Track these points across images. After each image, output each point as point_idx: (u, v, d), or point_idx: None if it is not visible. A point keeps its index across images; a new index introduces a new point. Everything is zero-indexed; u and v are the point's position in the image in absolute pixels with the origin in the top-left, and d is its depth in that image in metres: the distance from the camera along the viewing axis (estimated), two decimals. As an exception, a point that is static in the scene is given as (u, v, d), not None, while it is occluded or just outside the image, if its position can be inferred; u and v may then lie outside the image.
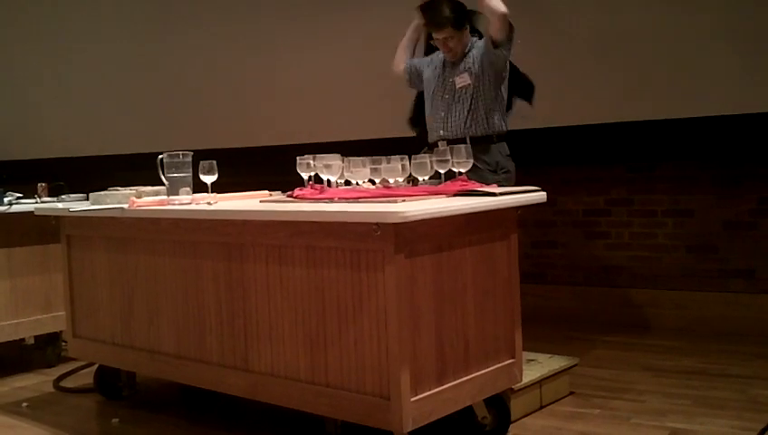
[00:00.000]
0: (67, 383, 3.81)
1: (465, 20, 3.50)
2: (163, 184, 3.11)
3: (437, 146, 3.25)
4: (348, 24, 5.13)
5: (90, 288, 3.48)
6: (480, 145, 3.40)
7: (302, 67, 5.38)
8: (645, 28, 4.25)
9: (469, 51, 3.53)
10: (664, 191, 4.50)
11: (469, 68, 3.49)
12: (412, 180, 2.97)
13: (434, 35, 3.50)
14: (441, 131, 3.52)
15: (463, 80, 3.49)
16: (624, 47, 4.31)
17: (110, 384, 3.56)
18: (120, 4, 6.27)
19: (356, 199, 2.72)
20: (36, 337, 4.13)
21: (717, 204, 4.34)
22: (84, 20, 6.45)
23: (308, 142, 3.86)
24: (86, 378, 3.76)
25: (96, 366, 3.60)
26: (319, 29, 5.28)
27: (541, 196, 2.90)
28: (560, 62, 4.48)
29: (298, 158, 3.03)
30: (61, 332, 4.05)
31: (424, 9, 3.53)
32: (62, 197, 3.89)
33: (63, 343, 4.02)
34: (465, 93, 3.50)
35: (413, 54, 3.79)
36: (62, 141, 6.54)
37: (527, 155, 3.59)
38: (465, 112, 3.47)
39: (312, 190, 2.95)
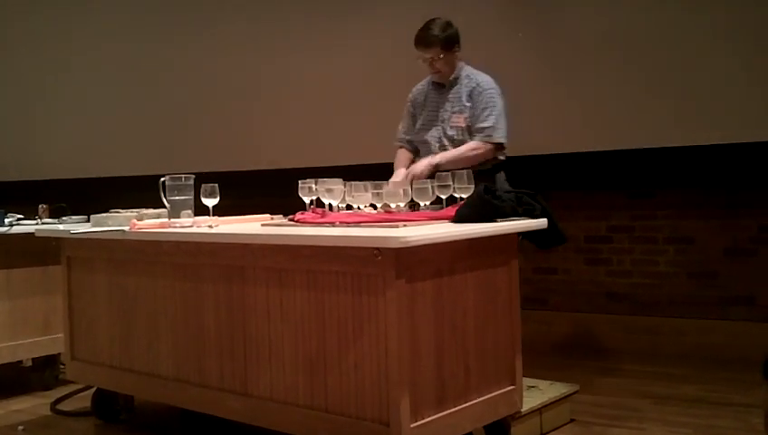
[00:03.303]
0: (64, 406, 3.79)
1: (456, 43, 3.48)
2: (165, 207, 3.11)
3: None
4: (351, 49, 5.16)
5: (89, 310, 3.47)
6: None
7: (304, 91, 5.41)
8: (645, 57, 4.28)
9: (459, 78, 3.51)
10: (665, 218, 4.50)
11: (462, 105, 3.46)
12: (414, 205, 2.97)
13: (421, 54, 3.45)
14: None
15: (458, 120, 3.47)
16: (625, 75, 4.34)
17: (108, 408, 3.53)
18: (120, 26, 6.31)
19: (357, 224, 2.72)
20: (34, 359, 4.10)
21: (718, 231, 4.34)
22: (86, 42, 6.49)
23: (310, 166, 3.87)
24: (84, 401, 3.74)
25: (94, 389, 3.58)
26: (321, 52, 5.32)
27: (541, 222, 2.90)
28: (561, 88, 4.51)
29: (300, 181, 3.05)
30: (59, 354, 4.03)
31: (417, 32, 3.50)
32: (64, 218, 3.89)
33: (61, 366, 4.00)
34: (461, 134, 3.47)
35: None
36: (64, 163, 6.56)
37: (528, 181, 3.59)
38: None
39: (314, 214, 2.96)
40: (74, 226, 3.56)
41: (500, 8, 4.67)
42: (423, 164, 3.37)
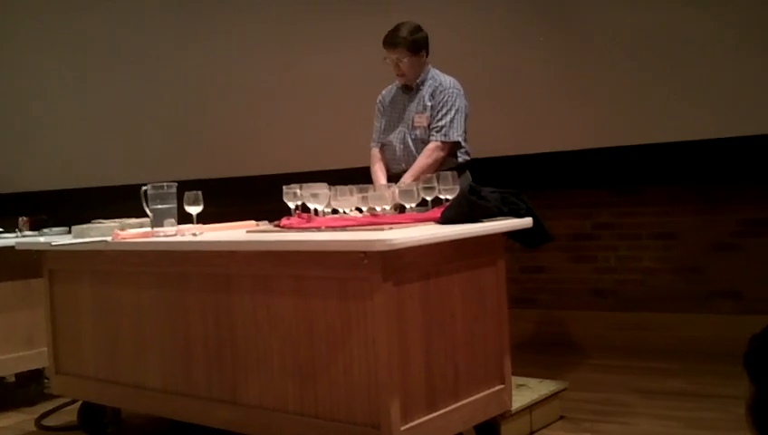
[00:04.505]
0: (50, 422, 3.74)
1: (423, 48, 3.53)
2: (147, 216, 3.08)
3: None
4: (335, 54, 5.15)
5: (73, 323, 3.43)
6: None
7: (287, 96, 5.39)
8: (627, 56, 4.30)
9: (425, 81, 3.56)
10: (649, 215, 4.53)
11: (425, 105, 3.52)
12: (399, 208, 2.97)
13: (387, 55, 3.51)
14: (403, 165, 3.54)
15: (420, 120, 3.53)
16: (606, 74, 4.36)
17: (95, 421, 3.48)
18: (99, 39, 6.26)
19: (343, 228, 2.71)
20: (18, 374, 4.05)
21: (702, 226, 4.37)
22: (64, 54, 6.44)
23: (295, 171, 3.86)
24: (70, 415, 3.69)
25: (80, 403, 3.54)
26: (305, 58, 5.30)
27: (527, 221, 2.90)
28: (543, 88, 4.52)
29: (285, 187, 3.03)
30: (43, 368, 3.99)
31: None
32: (44, 230, 3.85)
33: (46, 380, 3.96)
34: (424, 133, 3.52)
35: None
36: (45, 174, 6.49)
37: (513, 181, 3.61)
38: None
39: (299, 219, 2.94)
40: (55, 238, 3.52)
41: (487, 10, 4.68)
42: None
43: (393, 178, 3.47)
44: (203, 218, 3.11)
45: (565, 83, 4.46)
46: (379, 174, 3.60)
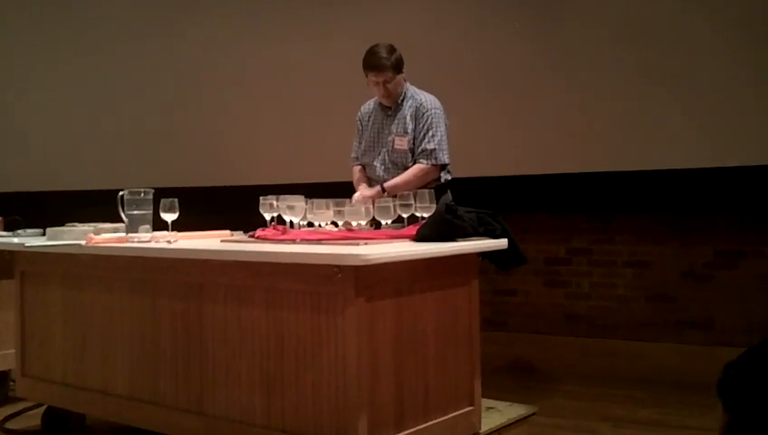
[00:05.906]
0: (13, 425, 3.68)
1: (403, 64, 3.53)
2: (123, 221, 3.06)
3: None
4: (313, 66, 5.17)
5: (42, 326, 3.39)
6: None
7: (265, 108, 5.40)
8: (604, 84, 4.36)
9: (404, 99, 3.54)
10: (623, 242, 4.56)
11: (405, 127, 3.50)
12: (375, 224, 2.97)
13: (372, 78, 3.49)
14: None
15: (401, 143, 3.52)
16: (584, 101, 4.41)
17: (59, 426, 3.44)
18: (76, 42, 6.24)
19: (318, 241, 2.71)
20: (-17, 376, 4.00)
21: (675, 255, 4.41)
22: (45, 56, 6.40)
23: (271, 183, 3.85)
24: (34, 419, 3.64)
25: (44, 407, 3.49)
26: (284, 69, 5.32)
27: (501, 242, 2.92)
28: (521, 112, 4.56)
29: (261, 198, 3.02)
30: (9, 371, 3.93)
31: (365, 56, 3.53)
32: (18, 231, 3.80)
33: (12, 383, 3.90)
34: (404, 157, 3.51)
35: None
36: (21, 175, 6.43)
37: (489, 203, 3.62)
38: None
39: (275, 231, 2.94)
40: (29, 239, 3.48)
41: (463, 30, 4.72)
42: (371, 193, 3.40)
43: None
44: (178, 227, 3.09)
45: (546, 108, 4.50)
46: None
